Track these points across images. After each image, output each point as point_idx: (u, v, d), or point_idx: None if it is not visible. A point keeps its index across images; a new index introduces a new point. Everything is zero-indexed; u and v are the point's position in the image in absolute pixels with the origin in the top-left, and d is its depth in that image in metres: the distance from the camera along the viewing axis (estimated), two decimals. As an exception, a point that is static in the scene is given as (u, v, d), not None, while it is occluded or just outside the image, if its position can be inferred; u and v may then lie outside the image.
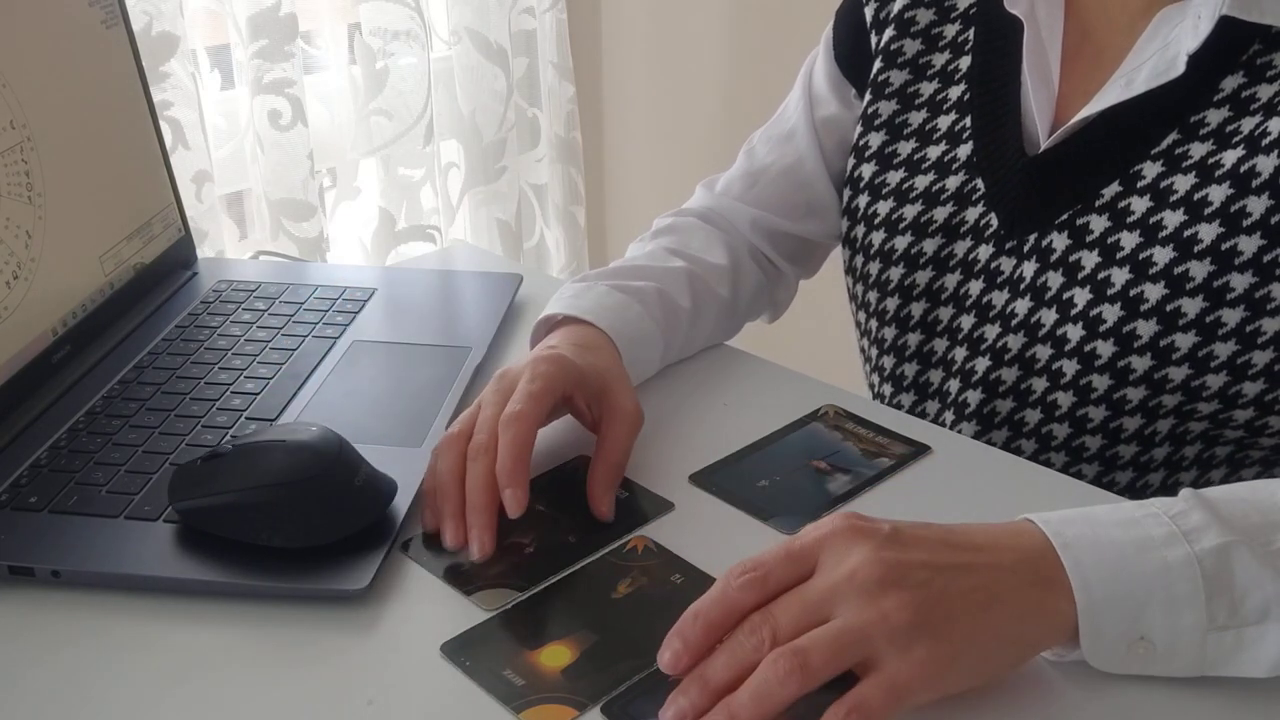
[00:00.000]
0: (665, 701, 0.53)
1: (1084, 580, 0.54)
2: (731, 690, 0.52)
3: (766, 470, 0.73)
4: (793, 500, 0.70)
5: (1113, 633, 0.54)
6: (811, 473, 0.73)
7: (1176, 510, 0.56)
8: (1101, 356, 0.77)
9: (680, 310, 0.86)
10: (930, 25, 0.88)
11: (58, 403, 0.79)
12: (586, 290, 0.83)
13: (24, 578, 0.64)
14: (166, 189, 0.99)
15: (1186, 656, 0.55)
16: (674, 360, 0.87)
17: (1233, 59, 0.73)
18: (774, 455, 0.75)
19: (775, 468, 0.74)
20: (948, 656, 0.52)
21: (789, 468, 0.74)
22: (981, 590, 0.53)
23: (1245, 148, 0.72)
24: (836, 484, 0.72)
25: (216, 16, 1.58)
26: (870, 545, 0.53)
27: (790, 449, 0.76)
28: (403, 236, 1.85)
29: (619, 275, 0.86)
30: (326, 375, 0.83)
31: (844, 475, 0.73)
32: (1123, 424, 0.78)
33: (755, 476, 0.73)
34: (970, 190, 0.83)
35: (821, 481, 0.72)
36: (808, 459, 0.75)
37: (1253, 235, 0.72)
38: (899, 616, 0.51)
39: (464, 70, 1.83)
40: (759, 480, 0.72)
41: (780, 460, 0.75)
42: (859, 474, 0.73)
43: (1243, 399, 0.74)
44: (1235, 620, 0.54)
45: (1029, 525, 0.57)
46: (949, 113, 0.86)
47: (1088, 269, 0.77)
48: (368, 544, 0.65)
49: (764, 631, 0.52)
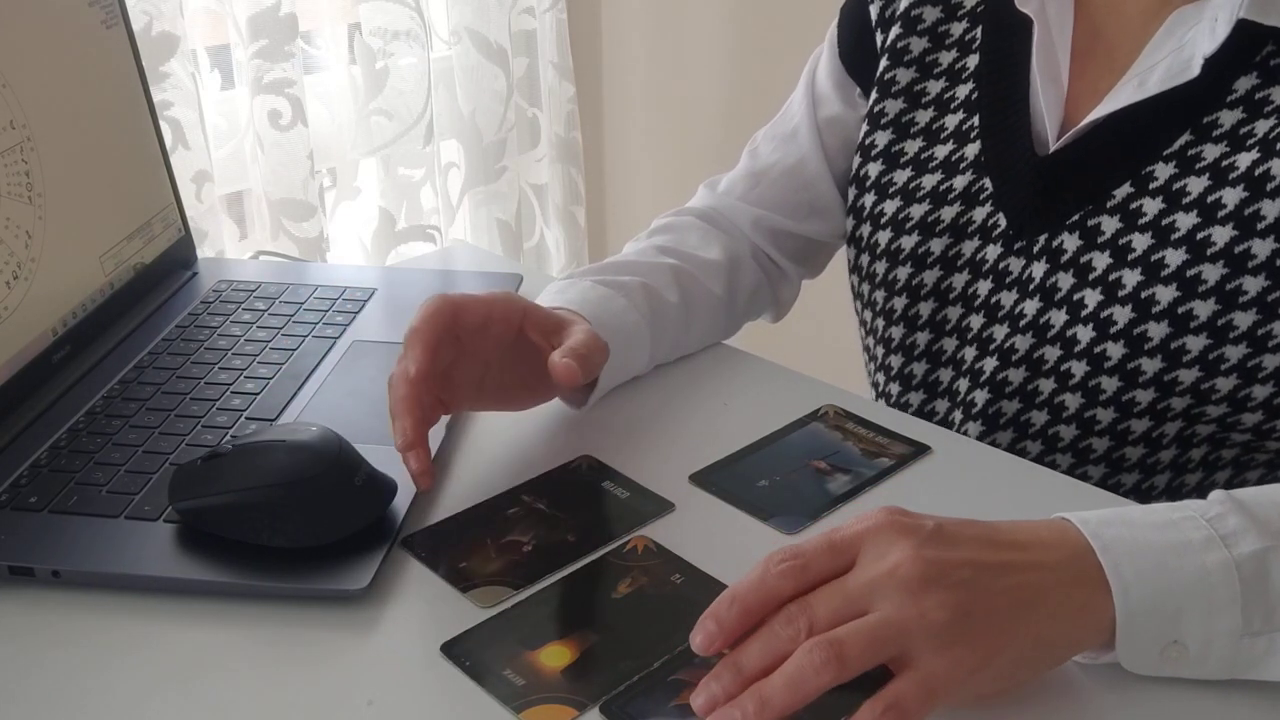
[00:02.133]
0: (696, 688, 0.52)
1: (1123, 583, 0.53)
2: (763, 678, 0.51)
3: (766, 470, 0.73)
4: (793, 500, 0.70)
5: (1148, 636, 0.54)
6: (811, 473, 0.73)
7: (1213, 514, 0.55)
8: (1111, 358, 0.76)
9: (668, 304, 0.85)
10: (937, 23, 0.88)
11: (58, 403, 0.79)
12: (570, 286, 0.83)
13: (24, 578, 0.64)
14: (166, 189, 0.99)
15: (1218, 660, 0.54)
16: (668, 357, 0.87)
17: (1246, 60, 0.73)
18: (774, 455, 0.75)
19: (775, 468, 0.74)
20: (985, 656, 0.51)
21: (789, 468, 0.74)
22: (1023, 590, 0.53)
23: (1260, 150, 0.72)
24: (836, 484, 0.72)
25: (216, 16, 1.58)
26: (912, 542, 0.53)
27: (790, 449, 0.76)
28: (403, 236, 1.85)
29: (604, 271, 0.86)
30: (326, 375, 0.83)
31: (844, 475, 0.73)
32: (1130, 426, 0.78)
33: (755, 476, 0.73)
34: (978, 190, 0.83)
35: (821, 482, 0.72)
36: (808, 459, 0.75)
37: (1266, 239, 0.71)
38: (938, 615, 0.51)
39: (464, 70, 1.84)
40: (759, 480, 0.72)
41: (780, 460, 0.75)
42: (859, 474, 0.73)
43: (1252, 402, 0.74)
44: (1269, 625, 0.53)
45: (1067, 524, 0.56)
46: (956, 111, 0.86)
47: (1099, 270, 0.77)
48: (368, 544, 0.65)
49: (801, 621, 0.52)
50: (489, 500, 0.71)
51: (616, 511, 0.70)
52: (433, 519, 0.69)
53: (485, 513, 0.70)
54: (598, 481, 0.73)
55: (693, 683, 0.57)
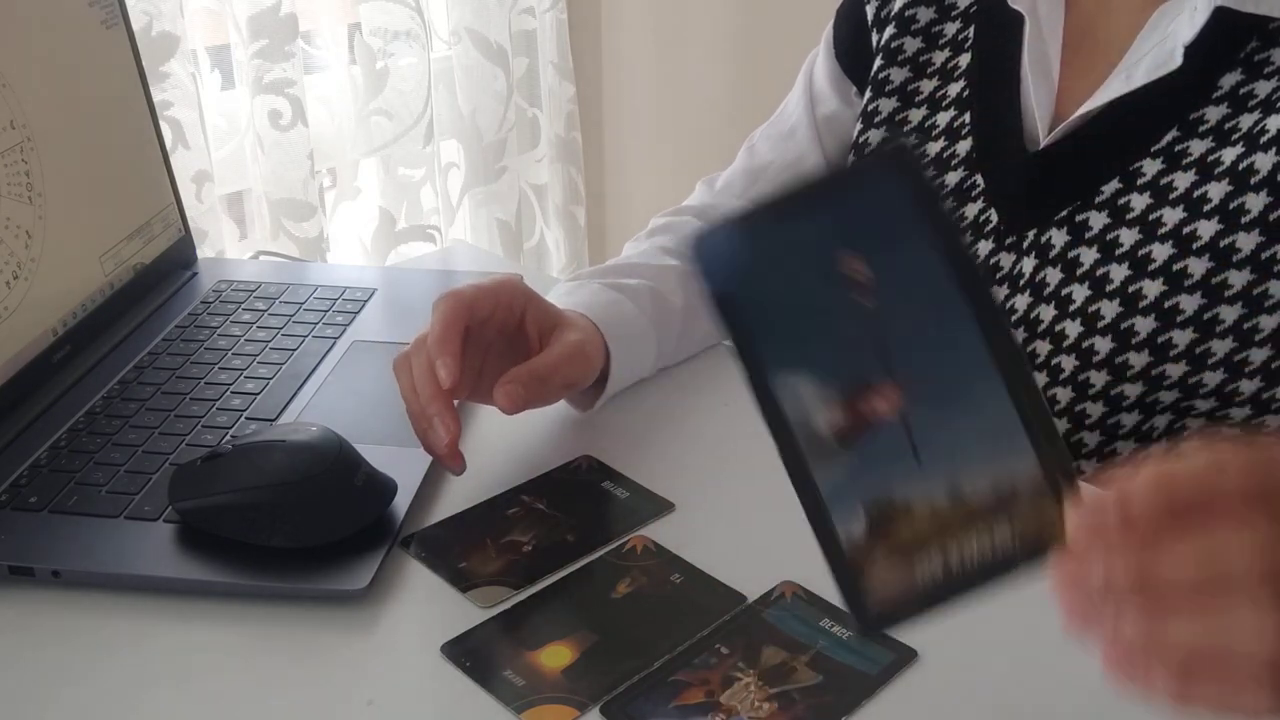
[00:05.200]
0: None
1: None
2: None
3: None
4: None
5: None
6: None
7: None
8: (1099, 352, 0.77)
9: (673, 308, 0.85)
10: (931, 23, 0.88)
11: (58, 403, 0.79)
12: (578, 288, 0.83)
13: (24, 578, 0.64)
14: (166, 189, 0.99)
15: None
16: (670, 360, 0.87)
17: (1231, 56, 0.74)
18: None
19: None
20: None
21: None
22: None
23: (1244, 145, 0.73)
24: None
25: (216, 16, 1.58)
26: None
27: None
28: (403, 236, 1.85)
29: (611, 273, 0.86)
30: (326, 375, 0.83)
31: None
32: (1120, 420, 0.78)
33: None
34: (970, 186, 0.84)
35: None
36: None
37: (1251, 232, 0.72)
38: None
39: (464, 70, 1.83)
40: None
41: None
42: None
43: (1239, 397, 0.75)
44: None
45: None
46: (948, 109, 0.86)
47: (1086, 265, 0.77)
48: (368, 544, 0.65)
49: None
50: (489, 500, 0.71)
51: (616, 511, 0.70)
52: (433, 519, 0.69)
53: (485, 513, 0.70)
54: (598, 481, 0.73)
55: (693, 683, 0.57)
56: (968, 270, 0.39)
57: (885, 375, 0.40)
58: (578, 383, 0.76)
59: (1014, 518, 0.40)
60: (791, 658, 0.58)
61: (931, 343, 0.40)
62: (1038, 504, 0.39)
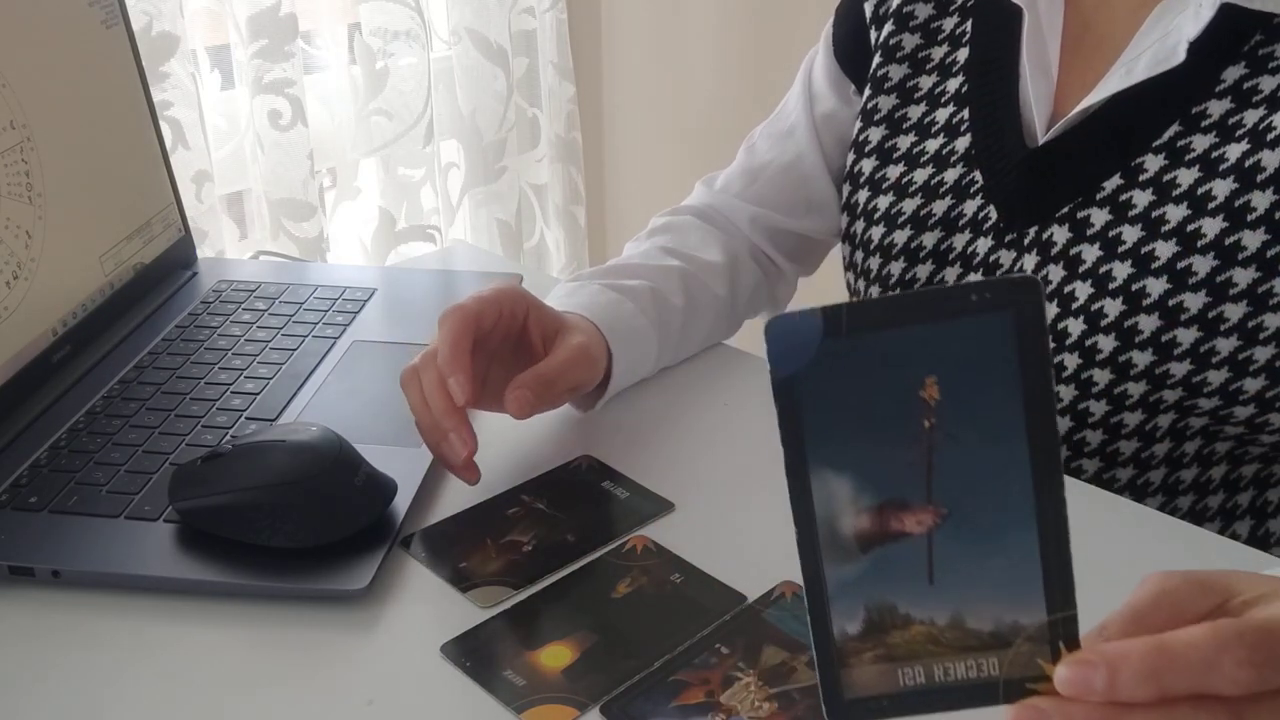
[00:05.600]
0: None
1: None
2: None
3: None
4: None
5: None
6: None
7: None
8: (1103, 351, 0.76)
9: (674, 308, 0.85)
10: (929, 20, 0.88)
11: (58, 403, 0.79)
12: (579, 289, 0.83)
13: (24, 578, 0.64)
14: (166, 189, 0.99)
15: None
16: (671, 360, 0.87)
17: (1234, 50, 0.73)
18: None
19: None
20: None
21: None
22: None
23: (1250, 141, 0.72)
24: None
25: (216, 16, 1.58)
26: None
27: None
28: (403, 236, 1.85)
29: (611, 274, 0.86)
30: (326, 375, 0.83)
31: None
32: (1124, 419, 0.78)
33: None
34: (969, 183, 0.83)
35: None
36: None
37: (1257, 230, 0.72)
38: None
39: (464, 70, 1.83)
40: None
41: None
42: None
43: (1243, 395, 0.74)
44: None
45: None
46: (947, 105, 0.86)
47: (1089, 263, 0.77)
48: (368, 544, 0.65)
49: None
50: (489, 500, 0.71)
51: (616, 511, 0.70)
52: (433, 519, 0.69)
53: (485, 513, 0.70)
54: (597, 481, 0.73)
55: (693, 683, 0.57)
56: (1045, 427, 0.39)
57: (925, 500, 0.40)
58: (583, 385, 0.76)
59: (1006, 660, 0.40)
60: (791, 658, 0.58)
61: (981, 483, 0.39)
62: (1033, 654, 0.40)
